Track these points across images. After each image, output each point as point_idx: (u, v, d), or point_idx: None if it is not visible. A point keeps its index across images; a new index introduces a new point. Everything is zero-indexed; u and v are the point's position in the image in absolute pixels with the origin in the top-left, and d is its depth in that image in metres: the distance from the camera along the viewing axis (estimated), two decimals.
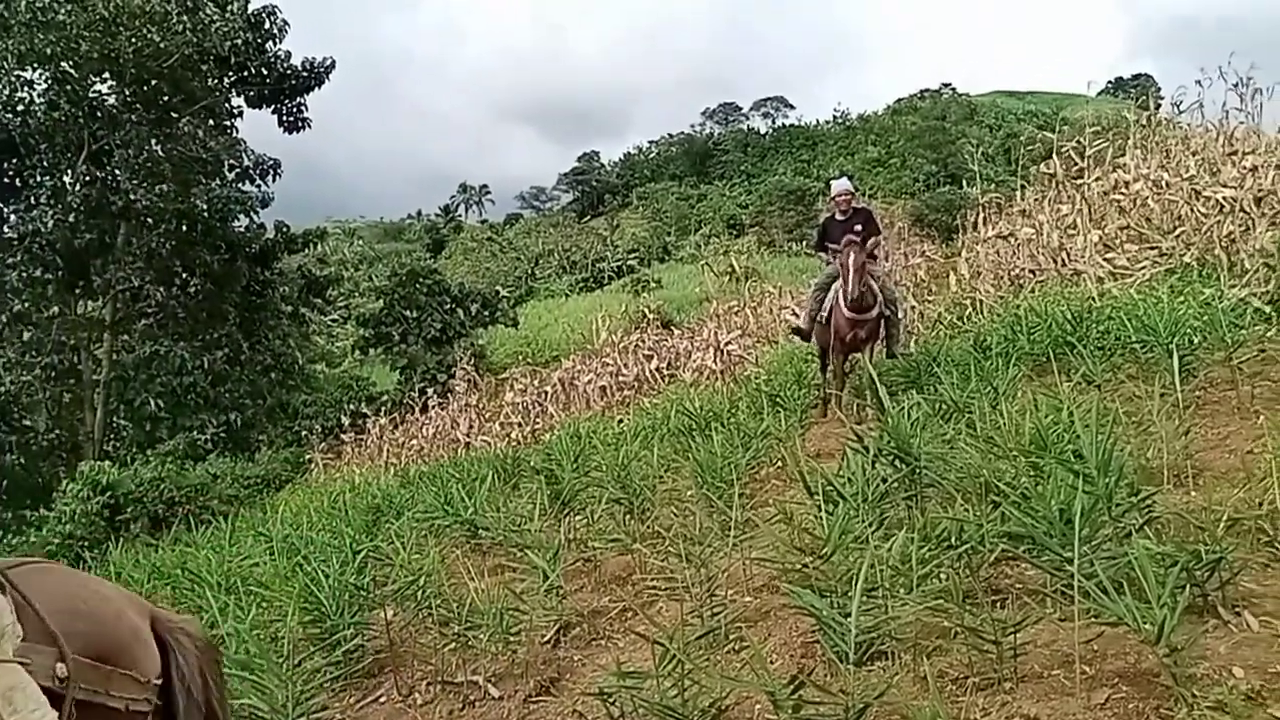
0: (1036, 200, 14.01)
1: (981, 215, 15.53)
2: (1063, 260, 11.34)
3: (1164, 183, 11.20)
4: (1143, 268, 9.60)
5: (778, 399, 8.92)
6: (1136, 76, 78.05)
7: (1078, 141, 13.67)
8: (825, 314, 8.60)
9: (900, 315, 8.85)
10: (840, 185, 9.28)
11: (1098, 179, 12.83)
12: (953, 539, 3.87)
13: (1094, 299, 9.06)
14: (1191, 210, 9.80)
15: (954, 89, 77.99)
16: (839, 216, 8.94)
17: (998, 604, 3.66)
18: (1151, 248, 10.06)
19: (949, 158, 58.17)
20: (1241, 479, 4.26)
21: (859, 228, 8.59)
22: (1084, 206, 12.13)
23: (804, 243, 33.33)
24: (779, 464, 7.02)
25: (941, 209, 35.41)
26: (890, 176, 62.30)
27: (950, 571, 3.77)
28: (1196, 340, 6.60)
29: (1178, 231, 9.88)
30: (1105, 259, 10.24)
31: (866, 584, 3.40)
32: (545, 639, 4.64)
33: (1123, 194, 11.76)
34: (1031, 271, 11.80)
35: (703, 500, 5.93)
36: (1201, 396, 5.89)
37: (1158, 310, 7.36)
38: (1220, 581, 3.22)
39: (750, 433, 7.46)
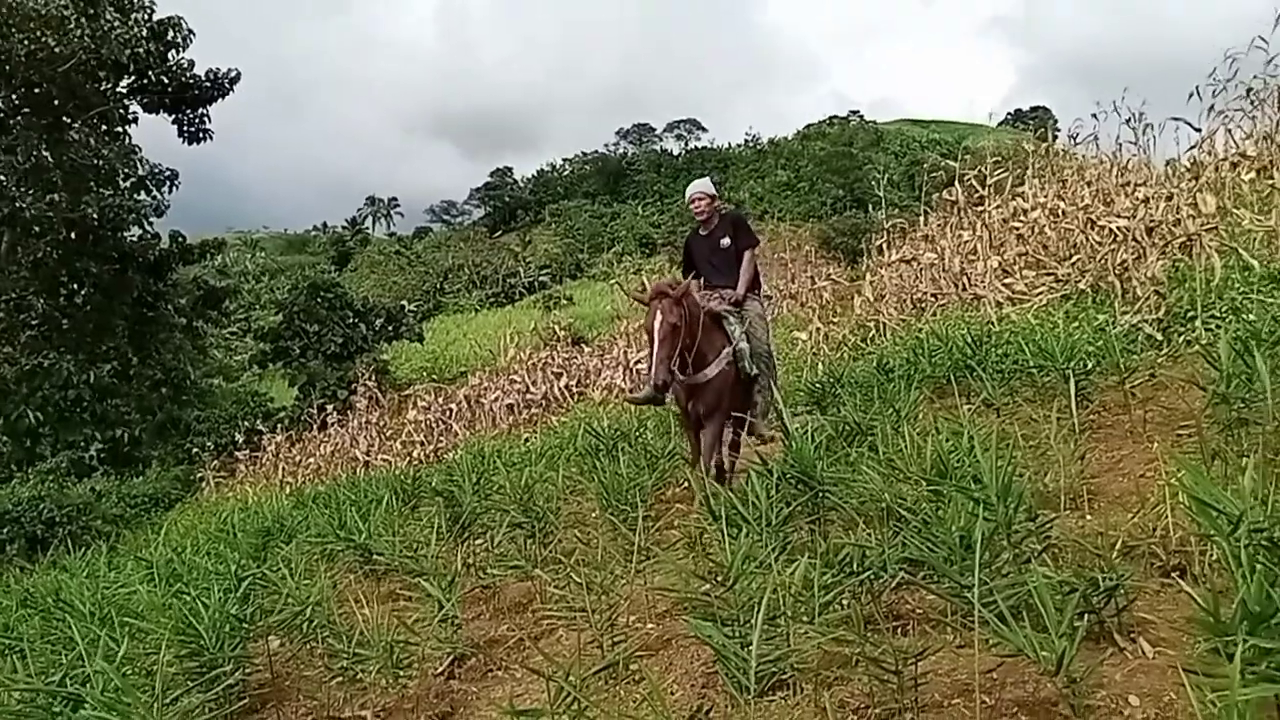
0: (939, 226, 14.27)
1: (886, 240, 15.80)
2: (963, 285, 11.58)
3: (1060, 212, 11.52)
4: (1040, 293, 9.83)
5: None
6: (1035, 109, 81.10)
7: (979, 170, 14.02)
8: None
9: (773, 373, 6.65)
10: (695, 187, 6.75)
11: (998, 207, 13.14)
12: (855, 564, 3.83)
13: (993, 323, 9.22)
14: (1086, 238, 10.08)
15: (861, 116, 79.96)
16: (702, 231, 6.76)
17: (899, 630, 3.61)
18: (1048, 274, 10.31)
19: (856, 183, 59.76)
20: (1135, 503, 4.31)
21: (726, 240, 6.60)
22: (984, 233, 12.41)
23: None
24: (685, 485, 6.93)
25: (848, 233, 36.18)
26: (799, 200, 63.64)
27: (852, 599, 3.71)
28: (1091, 365, 6.71)
29: (1073, 259, 10.14)
30: (1004, 284, 10.47)
31: (768, 611, 3.32)
32: (438, 671, 4.44)
33: (1021, 222, 12.07)
34: (933, 295, 12.01)
35: (607, 524, 5.80)
36: (1096, 420, 5.98)
37: (1054, 335, 7.48)
38: (1116, 608, 3.21)
39: (657, 453, 7.35)
